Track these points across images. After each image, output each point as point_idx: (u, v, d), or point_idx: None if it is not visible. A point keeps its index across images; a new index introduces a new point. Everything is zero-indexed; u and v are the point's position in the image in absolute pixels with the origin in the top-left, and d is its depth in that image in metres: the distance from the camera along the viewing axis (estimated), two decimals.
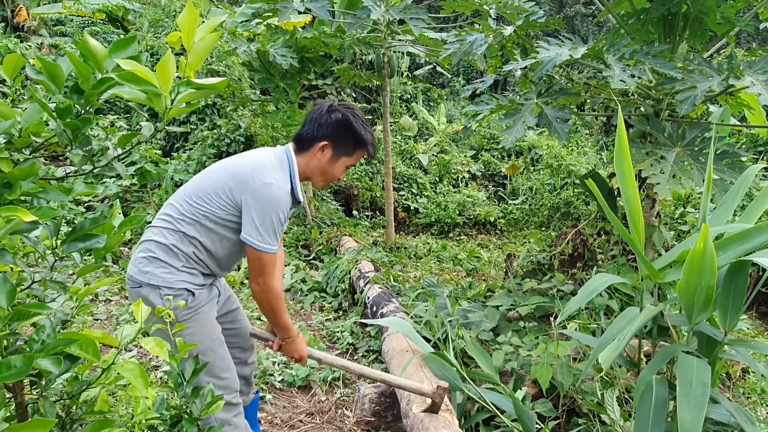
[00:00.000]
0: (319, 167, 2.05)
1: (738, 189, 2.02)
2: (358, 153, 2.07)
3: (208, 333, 2.00)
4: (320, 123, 2.01)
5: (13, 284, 1.06)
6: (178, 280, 1.94)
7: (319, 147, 2.00)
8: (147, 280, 1.93)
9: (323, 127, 2.00)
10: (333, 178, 2.10)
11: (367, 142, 2.05)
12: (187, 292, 1.96)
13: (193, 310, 1.97)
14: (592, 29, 14.19)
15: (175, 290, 1.93)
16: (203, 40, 1.01)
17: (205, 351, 1.95)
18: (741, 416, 1.76)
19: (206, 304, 2.02)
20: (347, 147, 2.04)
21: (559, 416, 2.56)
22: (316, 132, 2.00)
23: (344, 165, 2.07)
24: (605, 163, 8.36)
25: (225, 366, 2.04)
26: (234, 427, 2.04)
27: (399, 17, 4.41)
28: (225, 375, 2.03)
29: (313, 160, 2.03)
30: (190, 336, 1.92)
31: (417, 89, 11.30)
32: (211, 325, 2.04)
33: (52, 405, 1.20)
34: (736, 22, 2.91)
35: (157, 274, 1.93)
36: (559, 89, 2.99)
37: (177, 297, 1.92)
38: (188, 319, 1.94)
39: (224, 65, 7.11)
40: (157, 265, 1.94)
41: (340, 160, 2.05)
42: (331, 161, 2.04)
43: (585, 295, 1.98)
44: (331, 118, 2.00)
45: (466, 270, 5.89)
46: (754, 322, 4.48)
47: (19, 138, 1.07)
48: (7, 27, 9.39)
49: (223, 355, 2.04)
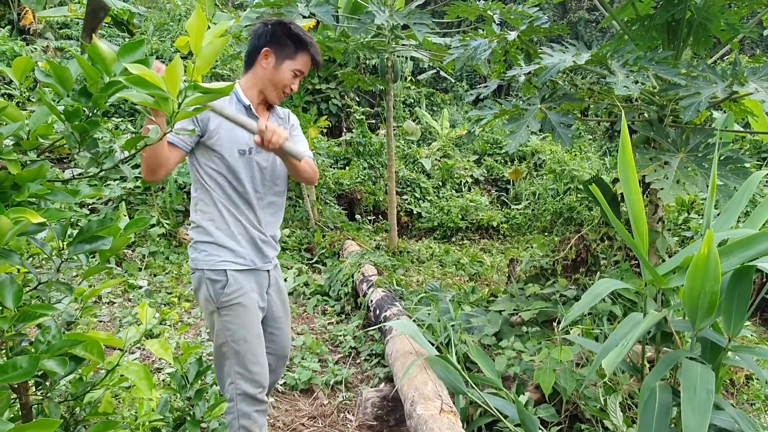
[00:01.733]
0: (266, 75, 2.08)
1: (742, 195, 2.01)
2: (301, 55, 2.09)
3: (245, 323, 2.04)
4: (258, 34, 2.07)
5: (19, 285, 1.06)
6: (218, 260, 2.01)
7: (261, 55, 2.05)
8: (195, 265, 2.04)
9: (262, 36, 2.06)
10: (282, 84, 2.10)
11: (306, 42, 2.08)
12: (226, 275, 2.01)
13: (232, 297, 2.02)
14: (596, 35, 14.20)
15: (216, 272, 2.01)
16: (211, 45, 1.02)
17: (238, 340, 2.00)
18: (745, 423, 1.75)
19: (248, 293, 2.06)
20: (288, 49, 2.07)
21: (561, 422, 2.55)
22: (258, 42, 2.06)
23: (290, 69, 2.08)
24: (608, 169, 8.36)
25: (256, 360, 2.06)
26: (253, 421, 2.04)
27: (403, 22, 4.43)
28: (254, 369, 2.05)
29: (259, 70, 2.08)
30: (227, 322, 2.01)
31: (420, 94, 11.32)
32: (251, 316, 2.07)
33: (56, 406, 1.21)
34: (740, 29, 2.91)
35: (200, 258, 2.03)
36: (562, 95, 3.00)
37: (217, 282, 2.01)
38: (228, 306, 2.01)
39: (228, 69, 7.15)
40: (198, 250, 2.04)
41: (284, 64, 2.07)
42: (275, 67, 2.07)
43: (588, 301, 1.97)
44: (267, 27, 2.07)
45: (469, 274, 5.89)
46: (758, 329, 4.46)
47: (27, 140, 1.08)
48: (13, 30, 9.44)
49: (257, 349, 2.07)
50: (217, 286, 2.01)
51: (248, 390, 2.02)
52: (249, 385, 2.02)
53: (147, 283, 4.84)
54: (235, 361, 2.00)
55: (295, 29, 2.08)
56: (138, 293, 4.60)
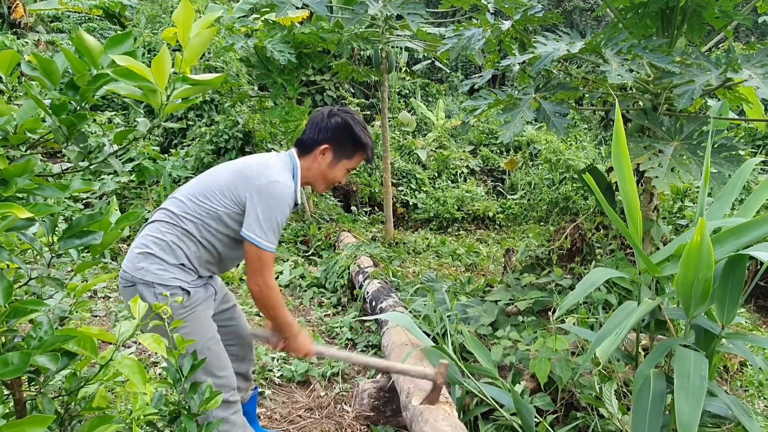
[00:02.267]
0: (320, 171, 2.09)
1: (735, 182, 2.02)
2: (358, 156, 2.12)
3: (204, 332, 2.00)
4: (321, 127, 2.06)
5: (9, 281, 1.06)
6: (171, 277, 1.92)
7: (320, 150, 2.05)
8: (141, 276, 1.90)
9: (324, 131, 2.05)
10: (334, 181, 2.14)
11: (366, 146, 2.10)
12: (182, 290, 1.94)
13: (189, 309, 1.96)
14: (591, 23, 14.16)
15: (168, 288, 1.91)
16: (199, 36, 1.01)
17: (201, 350, 1.94)
18: (738, 409, 1.76)
19: (202, 302, 2.02)
20: (347, 150, 2.08)
21: (557, 410, 2.57)
22: (317, 136, 2.05)
23: (345, 168, 2.11)
24: (604, 158, 8.37)
25: (221, 364, 2.04)
26: (232, 424, 2.04)
27: (397, 12, 4.40)
28: (221, 373, 2.03)
29: (315, 164, 2.08)
30: (186, 335, 1.89)
31: (415, 84, 11.28)
32: (207, 324, 2.03)
33: (50, 401, 1.21)
34: (734, 16, 2.90)
35: (151, 270, 1.91)
36: (557, 84, 2.99)
37: (171, 295, 1.88)
38: (184, 318, 1.92)
39: (222, 61, 7.10)
40: (151, 261, 1.92)
41: (341, 163, 2.09)
42: (331, 164, 2.08)
43: (583, 290, 1.98)
44: (331, 122, 2.05)
45: (465, 265, 5.90)
46: (752, 316, 4.49)
47: (15, 135, 1.07)
48: (3, 23, 9.35)
49: (219, 353, 2.04)
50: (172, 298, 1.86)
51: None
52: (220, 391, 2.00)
53: None
54: (201, 372, 1.94)
55: (358, 131, 2.08)
56: None
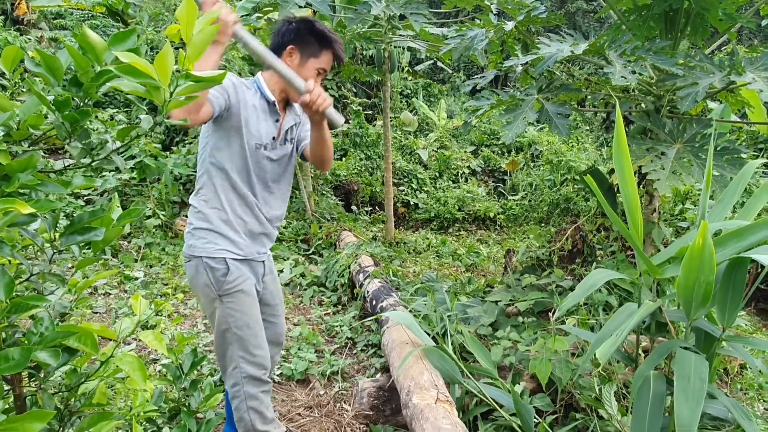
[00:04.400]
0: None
1: (737, 185, 2.01)
2: (325, 53, 2.06)
3: (246, 309, 2.06)
4: (282, 32, 2.05)
5: (11, 276, 1.06)
6: (217, 248, 2.01)
7: (286, 53, 2.03)
8: (192, 252, 2.02)
9: (286, 34, 2.04)
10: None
11: (331, 40, 2.06)
12: (225, 264, 2.01)
13: (233, 284, 2.03)
14: (594, 25, 14.14)
15: (215, 260, 2.00)
16: (202, 33, 1.01)
17: (241, 326, 2.03)
18: (738, 412, 1.76)
19: (247, 280, 2.08)
20: (312, 47, 2.04)
21: (556, 411, 2.57)
22: (281, 40, 2.04)
23: (314, 67, 2.06)
24: (605, 160, 8.36)
25: (258, 343, 2.09)
26: (260, 401, 2.08)
27: (399, 12, 4.39)
28: (257, 351, 2.08)
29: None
30: (228, 309, 2.02)
31: (417, 85, 11.28)
32: (249, 302, 2.09)
33: (50, 397, 1.21)
34: (737, 19, 2.90)
35: (198, 245, 2.01)
36: (560, 85, 2.99)
37: (217, 269, 2.00)
38: (230, 293, 2.02)
39: (224, 59, 7.09)
40: (197, 236, 2.02)
41: (309, 62, 2.05)
42: (300, 65, 2.04)
43: (583, 291, 1.97)
44: (292, 26, 2.05)
45: (466, 265, 5.90)
46: (752, 319, 4.48)
47: (18, 130, 1.07)
48: (6, 20, 9.35)
49: (258, 332, 2.10)
50: (217, 273, 2.01)
51: (253, 372, 2.06)
52: (253, 368, 2.06)
53: (143, 275, 4.84)
54: (238, 346, 2.03)
55: (320, 27, 2.06)
56: (134, 284, 4.59)
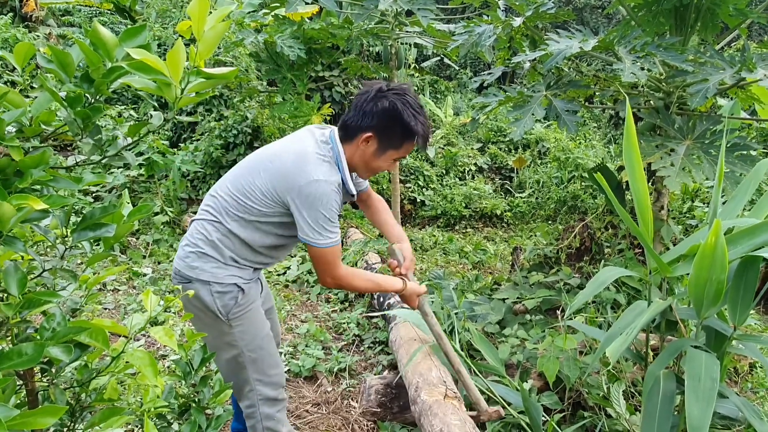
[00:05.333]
0: (363, 159, 1.88)
1: (749, 183, 1.99)
2: (407, 145, 1.87)
3: (258, 330, 1.97)
4: (365, 111, 1.80)
5: (24, 272, 1.06)
6: (227, 275, 1.88)
7: (363, 138, 1.82)
8: (196, 275, 1.86)
9: (368, 117, 1.80)
10: (378, 170, 1.94)
11: (416, 134, 1.82)
12: (237, 288, 1.89)
13: (244, 307, 1.92)
14: (602, 21, 14.05)
15: (224, 285, 1.87)
16: (213, 29, 1.01)
17: (254, 348, 1.94)
18: (749, 411, 1.75)
19: (256, 300, 2.00)
20: (394, 139, 1.83)
21: (564, 409, 2.56)
22: (361, 121, 1.81)
23: (391, 158, 1.89)
24: (613, 157, 8.32)
25: (273, 362, 2.02)
26: (277, 421, 2.03)
27: (407, 8, 4.38)
28: (272, 371, 2.01)
29: (358, 151, 1.86)
30: (241, 333, 1.91)
31: (424, 81, 11.25)
32: (260, 322, 2.00)
33: (62, 392, 1.22)
34: (748, 14, 2.87)
35: (207, 269, 1.86)
36: (568, 81, 2.97)
37: (227, 293, 1.87)
38: (240, 316, 1.91)
39: (231, 56, 7.11)
40: (205, 260, 1.87)
41: (387, 153, 1.86)
42: (375, 154, 1.86)
43: (593, 288, 1.97)
44: (377, 107, 1.79)
45: (472, 263, 5.89)
46: (761, 318, 4.45)
47: (30, 127, 1.07)
48: (15, 17, 9.40)
49: (272, 351, 2.02)
50: (226, 298, 1.87)
51: (269, 393, 2.00)
52: (269, 389, 1.99)
53: (151, 271, 4.86)
54: (253, 369, 1.95)
55: (407, 118, 1.79)
56: (142, 281, 4.62)
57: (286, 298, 4.48)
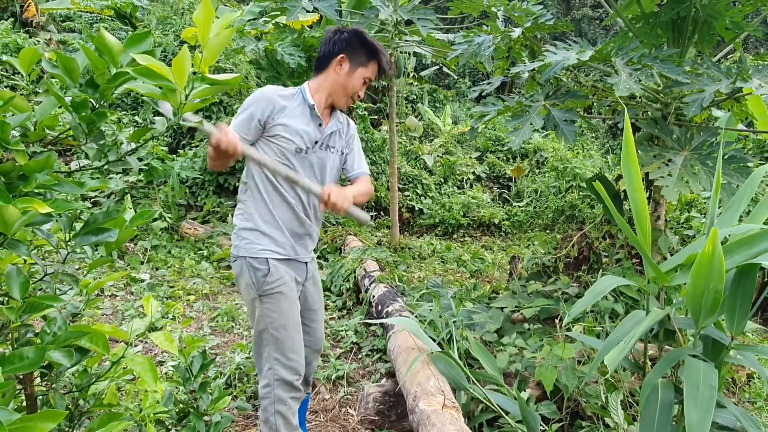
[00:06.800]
0: (338, 81, 2.16)
1: (744, 192, 2.01)
2: (372, 63, 2.18)
3: (284, 311, 2.09)
4: (335, 40, 2.15)
5: (26, 276, 1.07)
6: (260, 248, 2.08)
7: (336, 61, 2.13)
8: (236, 252, 2.10)
9: (337, 44, 2.14)
10: (353, 91, 2.19)
11: (378, 51, 2.17)
12: (267, 264, 2.07)
13: (273, 284, 2.07)
14: (600, 32, 14.16)
15: (257, 260, 2.07)
16: (218, 36, 1.02)
17: (278, 328, 2.06)
18: (747, 421, 1.75)
19: (288, 282, 2.12)
20: (361, 57, 2.15)
21: (562, 419, 2.56)
22: (333, 48, 2.14)
23: (361, 76, 2.17)
24: (611, 167, 8.35)
25: (293, 347, 2.10)
26: (288, 407, 2.08)
27: (407, 17, 4.42)
28: (291, 356, 2.09)
29: (332, 75, 2.15)
30: (267, 309, 2.06)
31: (423, 90, 11.30)
32: (288, 304, 2.12)
33: (61, 397, 1.21)
34: (744, 27, 2.90)
35: (242, 246, 2.09)
36: (566, 92, 2.99)
37: (259, 269, 2.06)
38: (269, 294, 2.06)
39: (231, 63, 7.14)
40: (240, 237, 2.11)
41: (357, 71, 2.16)
42: (349, 73, 2.15)
43: (591, 297, 1.97)
44: (343, 35, 2.15)
45: (470, 271, 5.89)
46: (759, 328, 4.46)
47: (34, 131, 1.08)
48: (16, 22, 9.43)
49: (295, 336, 2.12)
50: (259, 273, 2.06)
51: (285, 376, 2.07)
52: (286, 372, 2.07)
53: (149, 277, 4.85)
54: (274, 348, 2.06)
55: (369, 38, 2.18)
56: (140, 287, 4.60)
57: None
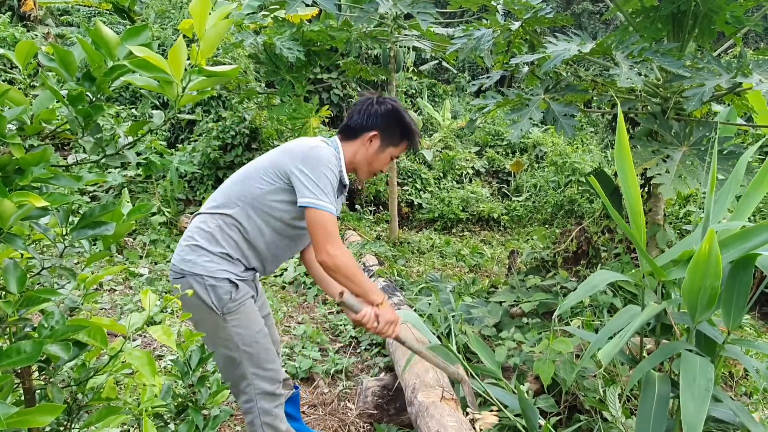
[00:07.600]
0: (366, 157, 2.07)
1: (731, 183, 1.98)
2: (404, 144, 2.11)
3: (253, 324, 2.00)
4: (370, 113, 2.04)
5: (23, 270, 1.07)
6: (219, 269, 1.91)
7: (368, 137, 2.04)
8: (189, 268, 1.90)
9: (373, 117, 2.03)
10: (378, 168, 2.12)
11: (413, 133, 2.10)
12: (230, 283, 1.93)
13: (238, 302, 1.95)
14: (600, 26, 14.12)
15: (217, 279, 1.90)
16: (215, 27, 1.01)
17: (249, 343, 1.97)
18: (744, 415, 1.76)
19: (250, 297, 2.02)
20: (394, 137, 2.07)
21: (560, 412, 2.57)
22: (366, 122, 2.03)
23: (389, 155, 2.10)
24: (610, 161, 8.34)
25: (269, 357, 2.04)
26: (274, 417, 2.05)
27: (406, 11, 4.40)
28: (269, 366, 2.04)
29: (361, 150, 2.06)
30: (236, 327, 1.94)
31: (422, 85, 11.27)
32: (255, 317, 2.03)
33: (59, 391, 1.21)
34: (745, 21, 2.89)
35: (199, 262, 1.90)
36: (566, 85, 2.99)
37: (219, 287, 1.90)
38: (234, 311, 1.94)
39: (230, 57, 7.11)
40: (199, 253, 1.92)
41: (387, 151, 2.08)
42: (378, 151, 2.07)
43: (585, 291, 1.98)
44: (380, 109, 2.04)
45: (469, 266, 5.89)
46: (756, 323, 4.47)
47: (31, 125, 1.07)
48: (13, 16, 9.39)
49: (267, 346, 2.04)
50: (220, 291, 1.90)
51: (266, 388, 2.01)
52: (266, 383, 2.01)
53: (148, 271, 4.85)
54: (250, 364, 1.97)
55: (407, 118, 2.08)
56: (139, 281, 4.61)
57: (282, 300, 4.48)
